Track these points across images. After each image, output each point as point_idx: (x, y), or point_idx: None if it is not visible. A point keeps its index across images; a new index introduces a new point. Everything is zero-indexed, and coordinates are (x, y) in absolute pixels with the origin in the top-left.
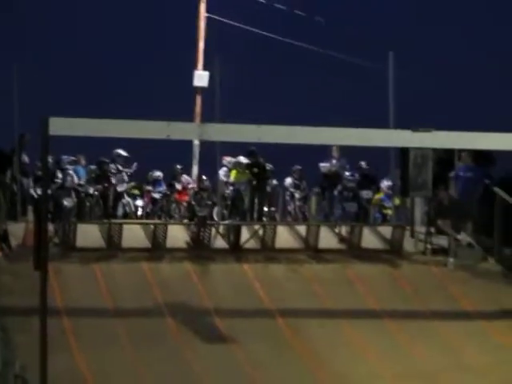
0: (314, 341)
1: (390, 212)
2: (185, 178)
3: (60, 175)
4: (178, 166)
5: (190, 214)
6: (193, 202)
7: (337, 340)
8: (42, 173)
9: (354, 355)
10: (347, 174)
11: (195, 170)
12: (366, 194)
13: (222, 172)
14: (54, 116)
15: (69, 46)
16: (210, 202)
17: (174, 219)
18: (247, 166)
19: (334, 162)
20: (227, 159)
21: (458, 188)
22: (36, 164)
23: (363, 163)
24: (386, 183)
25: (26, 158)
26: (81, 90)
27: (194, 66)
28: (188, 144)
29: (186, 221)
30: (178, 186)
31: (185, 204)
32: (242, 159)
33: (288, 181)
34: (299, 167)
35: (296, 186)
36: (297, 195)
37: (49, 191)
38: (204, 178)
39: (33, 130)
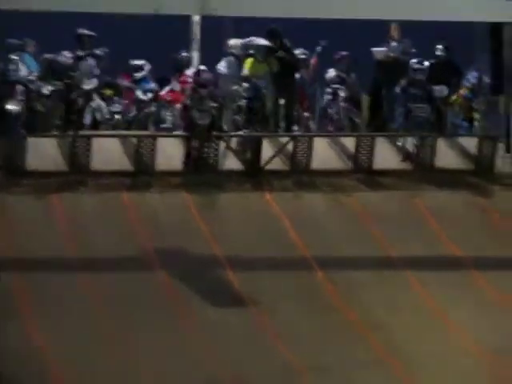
0: (369, 303)
1: (476, 116)
2: (189, 72)
3: None
4: (185, 54)
5: (188, 123)
6: (189, 105)
7: (401, 302)
8: None
9: (428, 323)
10: (414, 61)
11: (195, 59)
12: (440, 90)
13: (223, 63)
14: None
15: None
16: (215, 105)
17: (165, 130)
18: (268, 51)
19: (393, 44)
20: (233, 43)
21: None
22: None
23: (440, 46)
24: (472, 75)
25: None
26: None
27: None
28: (183, 22)
29: (180, 132)
30: (176, 86)
31: (179, 107)
32: (261, 40)
33: (330, 74)
34: (345, 53)
35: (341, 81)
36: (342, 94)
37: None
38: (203, 68)
39: None
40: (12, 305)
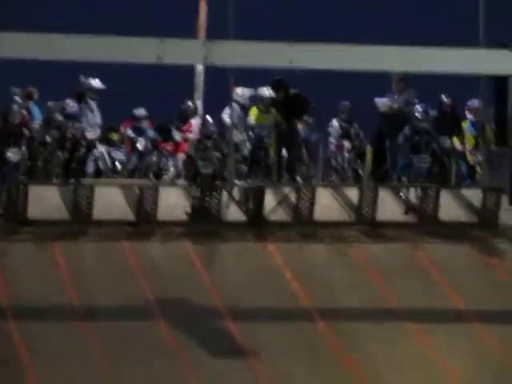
0: (371, 355)
1: (479, 167)
2: (194, 121)
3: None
4: (190, 104)
5: (191, 172)
6: (193, 155)
7: (404, 354)
8: None
9: (429, 375)
10: (418, 107)
11: (198, 108)
12: (444, 141)
13: (227, 111)
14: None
15: None
16: (218, 155)
17: (167, 179)
18: (273, 101)
19: (396, 96)
20: (239, 91)
21: None
22: None
23: (444, 96)
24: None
25: None
26: None
27: None
28: (187, 71)
29: (183, 182)
30: (177, 135)
31: (182, 157)
32: (266, 91)
33: (333, 125)
34: (348, 104)
35: (344, 132)
36: (346, 144)
37: None
38: (208, 118)
39: None
40: (11, 353)
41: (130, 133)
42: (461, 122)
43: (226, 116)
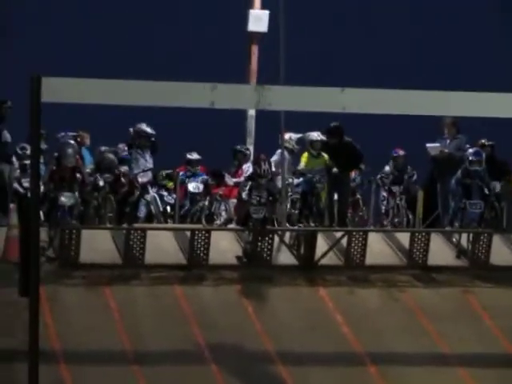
0: None
1: None
2: (246, 166)
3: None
4: (243, 147)
5: (243, 217)
6: (245, 198)
7: None
8: (30, 156)
9: None
10: (471, 151)
11: (250, 153)
12: (495, 185)
13: (275, 157)
14: (49, 75)
15: None
16: (270, 199)
17: (219, 224)
18: (325, 146)
19: (448, 140)
20: (287, 136)
21: None
22: (22, 145)
23: (484, 140)
24: None
25: (6, 135)
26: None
27: (248, 4)
28: (238, 115)
29: (234, 226)
30: (229, 180)
31: (234, 201)
32: (316, 136)
33: (385, 171)
34: (401, 151)
35: (396, 179)
36: (397, 189)
37: (41, 182)
38: (263, 157)
39: (17, 94)
40: None
41: (182, 177)
42: (507, 165)
43: (274, 160)
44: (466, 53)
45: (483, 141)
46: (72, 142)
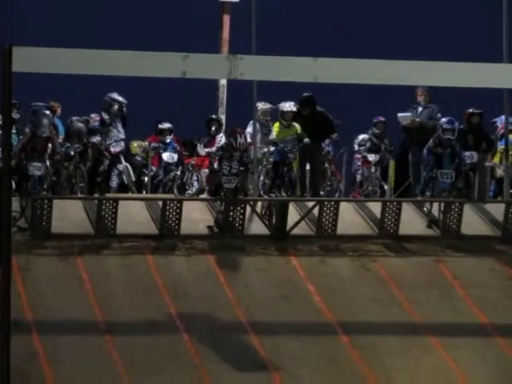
0: (393, 370)
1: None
2: (218, 136)
3: (27, 127)
4: (214, 117)
5: (214, 186)
6: (217, 168)
7: (426, 369)
8: (2, 126)
9: None
10: (444, 120)
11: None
12: (470, 156)
13: (250, 129)
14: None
15: None
16: (242, 169)
17: (191, 194)
18: (296, 115)
19: (419, 109)
20: (260, 106)
21: None
22: None
23: (473, 110)
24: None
25: None
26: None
27: None
28: (209, 86)
29: (206, 195)
30: (201, 150)
31: (206, 172)
32: (287, 106)
33: (363, 139)
34: (382, 118)
35: (374, 147)
36: (370, 158)
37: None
38: (240, 130)
39: None
40: (34, 366)
41: (155, 146)
42: (490, 136)
43: (249, 131)
44: (445, 21)
45: (471, 110)
46: (47, 112)
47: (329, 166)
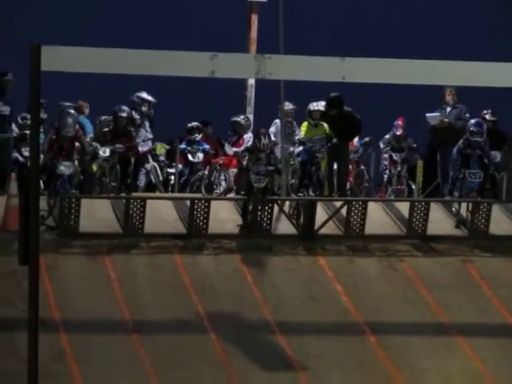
0: (421, 370)
1: None
2: (246, 136)
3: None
4: (239, 118)
5: (243, 186)
6: (246, 168)
7: (453, 368)
8: (30, 126)
9: None
10: (472, 122)
11: (250, 123)
12: (495, 156)
13: (273, 129)
14: (49, 45)
15: None
16: (271, 169)
17: (218, 193)
18: (323, 115)
19: (448, 109)
20: (286, 106)
21: None
22: (23, 115)
23: (486, 112)
24: None
25: (5, 108)
26: (86, 12)
27: None
28: (238, 85)
29: (233, 195)
30: (229, 150)
31: (233, 171)
32: (315, 105)
33: (387, 139)
34: (403, 120)
35: (398, 147)
36: (396, 158)
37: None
38: (263, 131)
39: (16, 66)
40: (62, 366)
41: (183, 146)
42: (507, 137)
43: (272, 131)
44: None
45: (487, 116)
46: (72, 111)
47: (364, 167)
